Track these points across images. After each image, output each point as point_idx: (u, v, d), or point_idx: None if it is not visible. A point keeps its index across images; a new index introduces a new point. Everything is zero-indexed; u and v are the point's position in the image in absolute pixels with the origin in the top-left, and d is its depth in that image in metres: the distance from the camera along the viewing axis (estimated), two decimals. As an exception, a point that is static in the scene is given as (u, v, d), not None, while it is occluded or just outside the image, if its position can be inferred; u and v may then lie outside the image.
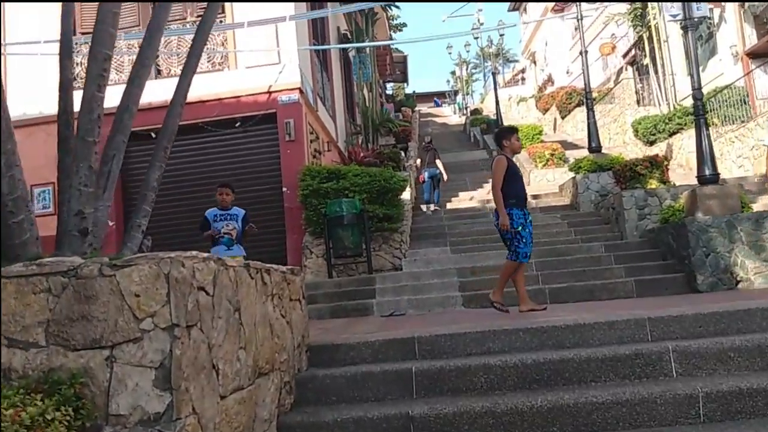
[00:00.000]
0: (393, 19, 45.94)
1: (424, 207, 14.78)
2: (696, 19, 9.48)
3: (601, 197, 12.89)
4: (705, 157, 8.88)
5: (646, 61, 22.77)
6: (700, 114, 9.11)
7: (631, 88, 24.48)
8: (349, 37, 17.68)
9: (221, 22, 12.03)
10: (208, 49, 11.98)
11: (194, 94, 11.79)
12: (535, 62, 43.63)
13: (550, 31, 38.28)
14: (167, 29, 12.05)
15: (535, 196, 14.63)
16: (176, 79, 10.82)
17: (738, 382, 3.40)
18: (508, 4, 43.42)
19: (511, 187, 6.57)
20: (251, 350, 3.13)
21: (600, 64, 29.82)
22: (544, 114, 32.51)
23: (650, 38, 22.36)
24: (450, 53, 37.72)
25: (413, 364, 4.02)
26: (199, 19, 12.09)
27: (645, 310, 4.88)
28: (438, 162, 15.58)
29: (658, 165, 11.05)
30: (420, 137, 23.48)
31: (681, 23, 9.61)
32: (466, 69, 51.02)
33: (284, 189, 11.53)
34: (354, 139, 17.31)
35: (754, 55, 17.80)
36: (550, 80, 37.77)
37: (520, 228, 6.60)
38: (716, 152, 16.37)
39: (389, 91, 46.39)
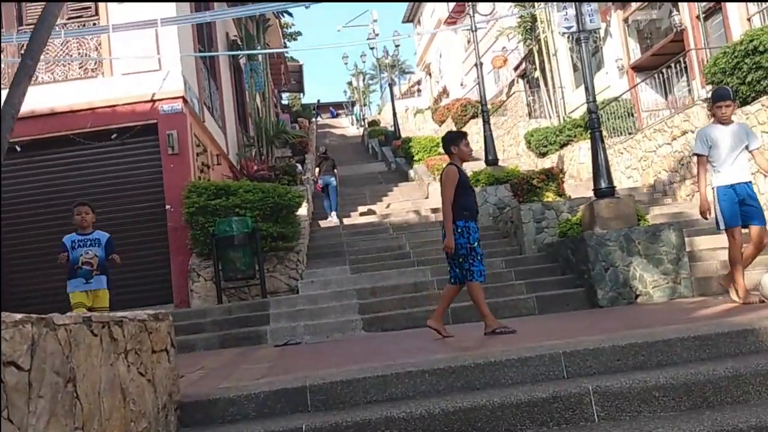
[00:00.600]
0: (287, 28, 45.22)
1: (328, 219, 14.71)
2: (588, 32, 9.46)
3: (499, 210, 12.80)
4: (601, 169, 8.83)
5: (537, 74, 23.28)
6: (595, 127, 9.07)
7: (522, 101, 24.98)
8: (239, 43, 16.89)
9: (94, 24, 11.01)
10: (80, 53, 10.95)
11: (64, 102, 10.79)
12: (430, 74, 44.14)
13: (444, 43, 38.82)
14: (25, 32, 10.94)
15: (434, 210, 14.37)
16: (45, 87, 9.71)
17: (665, 426, 3.06)
18: (403, 15, 43.73)
19: (463, 199, 5.93)
20: (92, 428, 2.46)
21: (492, 77, 30.39)
22: (440, 126, 32.73)
23: (540, 52, 22.88)
24: (346, 63, 37.48)
25: (305, 420, 3.43)
26: (73, 20, 11.07)
27: (557, 339, 4.54)
28: (335, 171, 15.78)
29: (554, 177, 11.03)
30: (317, 149, 22.90)
31: (574, 36, 9.56)
32: (363, 80, 50.97)
33: (168, 207, 10.64)
34: (247, 152, 16.50)
35: (638, 68, 18.48)
36: (445, 92, 38.25)
37: (476, 244, 5.93)
38: (606, 163, 16.94)
39: (285, 101, 45.55)
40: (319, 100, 52.92)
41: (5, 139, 3.21)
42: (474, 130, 27.51)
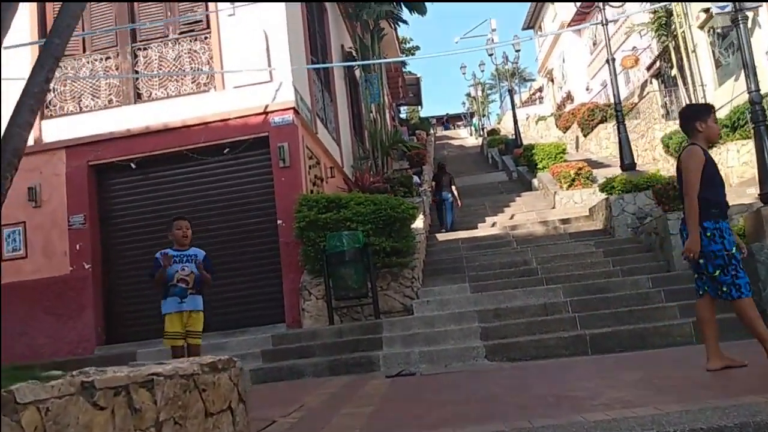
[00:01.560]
0: (405, 43, 45.07)
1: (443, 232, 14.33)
2: (746, 11, 8.04)
3: (638, 220, 11.42)
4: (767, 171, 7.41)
5: (674, 72, 21.31)
6: (759, 121, 7.68)
7: (657, 102, 22.96)
8: (354, 55, 16.47)
9: (205, 38, 10.84)
10: (192, 68, 10.81)
11: (178, 118, 10.63)
12: (552, 80, 42.29)
13: (567, 48, 36.99)
14: (148, 48, 10.94)
15: (563, 221, 13.16)
16: (159, 103, 9.57)
17: None
18: (523, 21, 42.25)
19: (711, 193, 4.58)
20: None
21: (623, 79, 28.35)
22: (564, 132, 31.04)
23: (677, 48, 20.94)
24: (464, 74, 36.58)
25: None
26: (185, 35, 10.97)
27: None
28: (453, 188, 15.38)
29: (706, 182, 9.56)
30: (435, 160, 22.14)
31: (730, 16, 8.19)
32: (482, 90, 49.84)
33: (279, 221, 10.19)
34: (362, 164, 15.99)
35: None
36: (569, 98, 36.38)
37: (734, 249, 4.56)
38: (761, 166, 14.95)
39: (403, 115, 45.30)
40: (447, 114, 52.43)
41: (27, 115, 2.57)
42: (602, 136, 25.75)
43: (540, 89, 47.59)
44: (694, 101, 20.78)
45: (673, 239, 9.24)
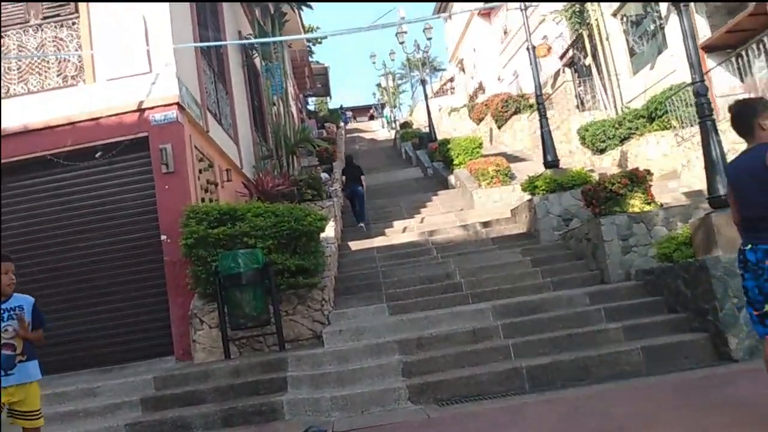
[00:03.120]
0: (312, 31, 43.55)
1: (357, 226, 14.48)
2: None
3: (564, 222, 10.62)
4: (717, 169, 6.62)
5: (587, 61, 20.94)
6: (705, 115, 6.89)
7: (571, 92, 22.59)
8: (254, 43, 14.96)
9: (74, 24, 9.15)
10: (58, 57, 9.11)
11: (40, 117, 8.85)
12: (463, 70, 41.88)
13: (478, 36, 36.56)
14: (5, 35, 9.16)
15: (485, 224, 12.23)
16: (18, 100, 7.85)
17: None
18: (432, 10, 41.56)
19: None
20: None
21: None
22: (478, 124, 30.52)
23: (590, 36, 20.56)
24: (374, 63, 35.43)
25: None
26: (49, 21, 9.21)
27: None
28: (363, 179, 15.35)
29: (639, 182, 8.78)
30: (345, 155, 20.90)
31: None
32: (393, 80, 48.93)
33: (163, 237, 8.71)
34: (265, 164, 14.56)
35: (709, 48, 16.03)
36: (481, 88, 35.98)
37: None
38: (682, 159, 14.59)
39: (311, 107, 43.76)
40: (341, 107, 50.93)
41: None
42: (517, 128, 25.28)
43: (451, 79, 47.18)
44: (608, 91, 20.52)
45: (607, 246, 8.42)
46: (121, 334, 8.70)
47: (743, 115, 3.71)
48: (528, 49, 12.34)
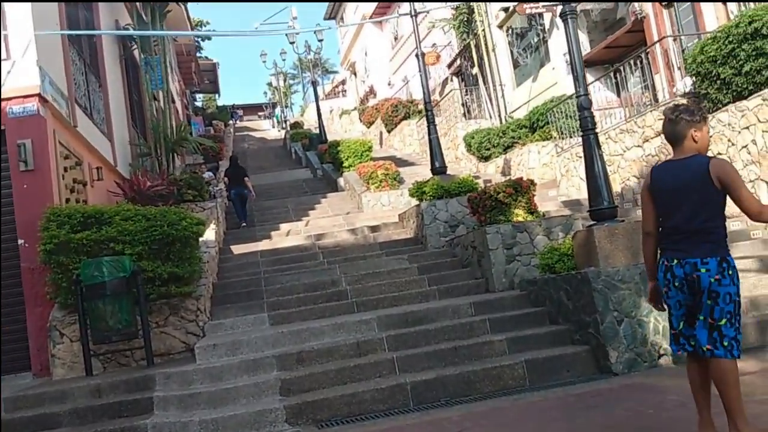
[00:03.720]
0: (201, 26, 42.06)
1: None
2: (574, 7, 7.30)
3: (450, 228, 10.60)
4: (599, 183, 6.71)
5: (474, 70, 21.33)
6: (588, 128, 6.96)
7: (458, 100, 22.96)
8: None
9: None
10: None
11: None
12: (355, 73, 41.82)
13: (369, 41, 36.60)
14: None
15: (373, 228, 12.04)
16: None
17: None
18: (325, 11, 41.23)
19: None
20: None
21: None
22: (368, 127, 30.49)
23: (477, 47, 20.96)
24: (264, 62, 34.51)
25: None
26: None
27: None
28: (247, 181, 15.30)
29: (523, 191, 8.85)
30: (232, 154, 20.15)
31: (557, 13, 7.42)
32: (284, 80, 48.14)
33: (21, 241, 7.86)
34: (144, 162, 13.68)
35: (589, 63, 16.68)
36: (372, 92, 36.03)
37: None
38: (562, 169, 15.07)
39: (199, 103, 42.25)
40: (233, 105, 49.64)
41: None
42: (406, 132, 25.42)
43: (343, 82, 47.03)
44: (493, 100, 20.99)
45: (492, 255, 8.41)
46: (-30, 348, 7.76)
47: (677, 123, 3.60)
48: (417, 56, 12.28)
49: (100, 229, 7.55)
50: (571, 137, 15.06)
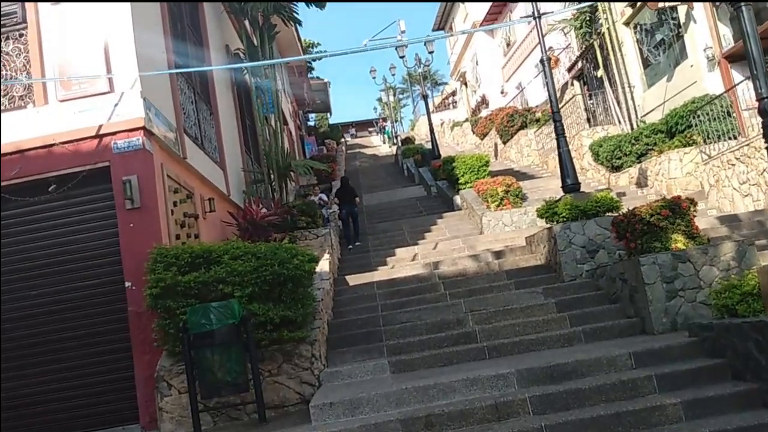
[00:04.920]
0: (312, 47, 42.54)
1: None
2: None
3: (589, 254, 9.34)
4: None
5: (599, 73, 19.71)
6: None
7: (580, 106, 21.37)
8: (242, 57, 13.78)
9: (21, 36, 7.96)
10: (3, 75, 7.90)
11: None
12: (466, 83, 40.76)
13: (480, 49, 35.47)
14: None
15: (497, 254, 10.95)
16: None
17: None
18: (433, 23, 40.56)
19: None
20: None
21: (540, 81, 26.86)
22: (482, 139, 29.35)
23: (602, 47, 19.36)
24: (374, 77, 34.28)
25: None
26: None
27: None
28: (357, 201, 15.51)
29: (682, 213, 7.52)
30: (342, 177, 19.71)
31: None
32: (394, 95, 47.83)
33: (128, 284, 7.46)
34: (258, 188, 13.34)
35: (733, 58, 14.84)
36: (484, 102, 34.86)
37: None
38: (709, 178, 13.33)
39: (312, 122, 42.64)
40: (346, 123, 49.97)
41: None
42: (524, 143, 24.08)
43: (453, 93, 46.07)
44: (622, 104, 19.28)
45: (648, 290, 7.13)
46: (78, 396, 7.46)
47: None
48: (542, 61, 11.08)
49: (209, 269, 7.01)
50: (719, 142, 13.33)
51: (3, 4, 7.86)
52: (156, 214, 7.72)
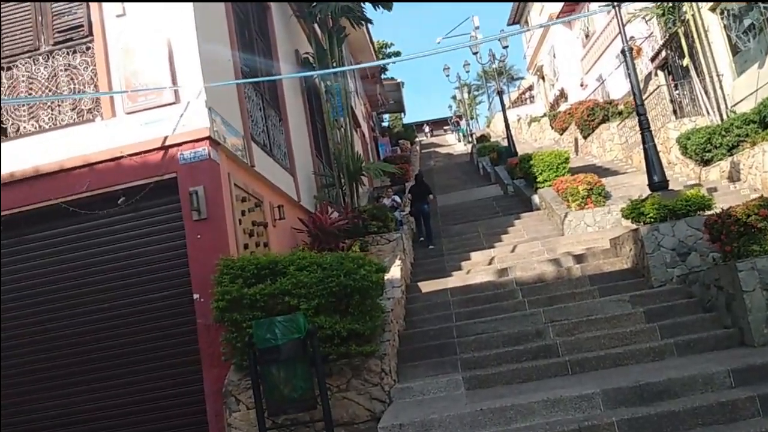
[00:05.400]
0: (386, 48, 42.44)
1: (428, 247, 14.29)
2: None
3: (679, 258, 8.64)
4: None
5: (685, 62, 18.56)
6: None
7: (665, 97, 20.20)
8: (311, 61, 13.66)
9: (88, 49, 8.03)
10: (71, 89, 7.99)
11: (52, 158, 6.71)
12: (543, 77, 39.65)
13: (557, 42, 34.38)
14: (12, 66, 8.13)
15: (579, 257, 10.35)
16: (28, 140, 6.62)
17: None
18: (508, 17, 39.67)
19: None
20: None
21: (622, 72, 25.67)
22: (561, 134, 28.38)
23: (686, 34, 18.21)
24: (447, 75, 33.72)
25: None
26: (60, 46, 7.76)
27: None
28: (430, 198, 15.28)
29: (783, 213, 6.79)
30: (416, 174, 19.36)
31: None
32: (468, 92, 47.12)
33: (196, 296, 7.37)
34: (328, 193, 13.20)
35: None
36: (562, 95, 33.76)
37: None
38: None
39: (385, 123, 42.53)
40: (420, 122, 49.75)
41: None
42: (605, 137, 23.05)
43: (530, 88, 44.96)
44: (710, 93, 18.09)
45: (747, 298, 6.46)
46: (146, 411, 7.41)
47: None
48: (623, 52, 10.38)
49: (275, 281, 6.81)
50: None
51: (69, 17, 7.94)
52: (223, 224, 7.61)
